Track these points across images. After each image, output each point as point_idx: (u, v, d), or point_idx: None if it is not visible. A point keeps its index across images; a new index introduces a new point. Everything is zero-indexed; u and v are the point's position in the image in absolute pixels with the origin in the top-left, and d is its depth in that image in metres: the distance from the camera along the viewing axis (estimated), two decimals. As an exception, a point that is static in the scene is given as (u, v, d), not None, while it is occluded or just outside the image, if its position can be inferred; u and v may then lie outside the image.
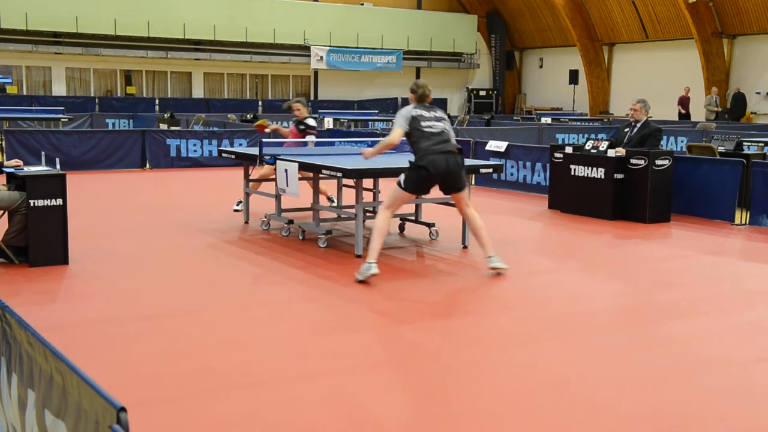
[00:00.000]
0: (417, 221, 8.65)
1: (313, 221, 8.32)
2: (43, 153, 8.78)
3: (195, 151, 15.27)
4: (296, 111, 9.63)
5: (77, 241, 7.36)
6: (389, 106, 32.80)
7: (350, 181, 7.53)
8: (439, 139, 6.66)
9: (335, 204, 9.73)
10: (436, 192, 6.81)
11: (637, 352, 4.81)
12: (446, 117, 6.96)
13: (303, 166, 7.64)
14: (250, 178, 9.27)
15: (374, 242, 6.54)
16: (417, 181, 6.65)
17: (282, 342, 4.93)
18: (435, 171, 6.54)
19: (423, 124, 6.70)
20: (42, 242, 6.67)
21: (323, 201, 9.67)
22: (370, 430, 3.65)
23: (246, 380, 4.23)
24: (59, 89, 28.12)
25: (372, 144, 6.54)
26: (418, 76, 34.79)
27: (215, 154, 15.06)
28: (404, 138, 6.77)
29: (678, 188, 9.94)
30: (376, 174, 7.74)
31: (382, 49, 32.31)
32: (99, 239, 7.98)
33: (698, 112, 26.11)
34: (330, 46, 30.92)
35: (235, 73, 31.25)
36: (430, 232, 8.37)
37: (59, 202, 6.68)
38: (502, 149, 12.91)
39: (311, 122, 9.75)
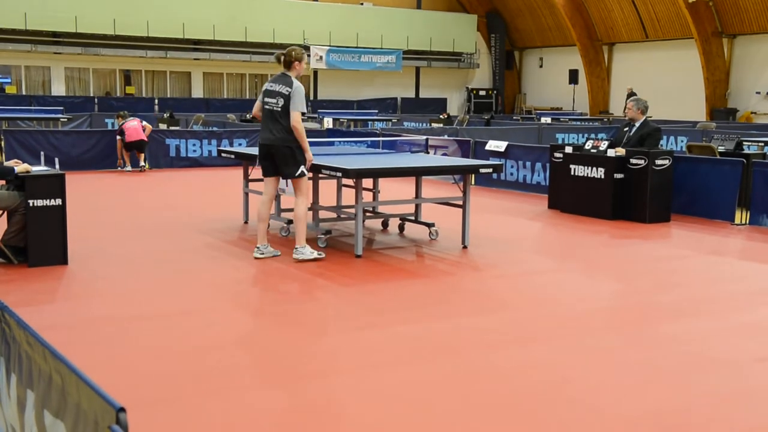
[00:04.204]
0: (417, 221, 8.64)
1: (313, 221, 8.32)
2: (42, 153, 8.80)
3: (194, 151, 15.26)
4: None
5: (76, 241, 7.35)
6: (389, 106, 32.79)
7: (350, 181, 7.52)
8: (268, 118, 6.94)
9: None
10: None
11: (637, 352, 4.80)
12: (285, 92, 6.87)
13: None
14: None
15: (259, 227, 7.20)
16: (260, 160, 7.05)
17: (282, 342, 4.92)
18: (261, 143, 6.99)
19: (266, 98, 6.98)
20: (41, 242, 6.66)
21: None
22: (370, 431, 3.65)
23: (245, 380, 4.23)
24: (58, 89, 28.12)
25: (371, 144, 6.54)
26: (417, 76, 34.81)
27: (215, 154, 15.06)
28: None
29: (678, 188, 9.94)
30: (376, 174, 7.73)
31: (381, 48, 32.31)
32: (98, 239, 7.98)
33: (699, 111, 26.08)
34: (329, 45, 30.92)
35: (234, 73, 31.25)
36: (430, 232, 8.37)
37: (58, 202, 6.68)
38: (502, 149, 12.90)
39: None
